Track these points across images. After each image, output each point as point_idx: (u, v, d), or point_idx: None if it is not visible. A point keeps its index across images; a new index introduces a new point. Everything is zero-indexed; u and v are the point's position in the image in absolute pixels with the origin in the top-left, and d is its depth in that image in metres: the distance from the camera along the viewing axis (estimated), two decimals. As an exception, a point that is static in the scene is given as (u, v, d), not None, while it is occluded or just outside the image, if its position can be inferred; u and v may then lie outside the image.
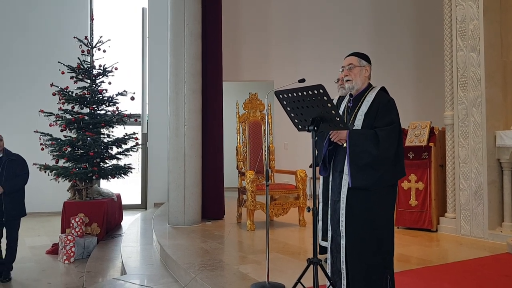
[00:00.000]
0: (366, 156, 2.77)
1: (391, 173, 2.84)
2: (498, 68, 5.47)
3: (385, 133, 2.79)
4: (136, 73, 10.14)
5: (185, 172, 6.32)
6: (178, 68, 6.42)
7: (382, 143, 2.76)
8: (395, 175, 2.89)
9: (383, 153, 2.77)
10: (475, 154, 5.38)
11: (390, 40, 9.84)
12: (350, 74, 3.00)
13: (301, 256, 4.46)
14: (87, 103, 7.53)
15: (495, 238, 5.13)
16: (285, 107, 2.92)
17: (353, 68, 3.00)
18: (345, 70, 3.02)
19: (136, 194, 10.85)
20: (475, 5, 5.38)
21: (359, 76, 3.00)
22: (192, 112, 6.44)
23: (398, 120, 2.88)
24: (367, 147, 2.77)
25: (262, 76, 10.01)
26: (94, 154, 7.14)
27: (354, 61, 3.02)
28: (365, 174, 2.78)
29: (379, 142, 2.76)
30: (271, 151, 6.83)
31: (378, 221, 2.84)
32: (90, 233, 6.78)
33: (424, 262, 4.24)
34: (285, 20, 10.02)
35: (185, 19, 6.41)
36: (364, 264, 2.81)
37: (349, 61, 3.04)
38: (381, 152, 2.76)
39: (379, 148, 2.75)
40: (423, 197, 5.79)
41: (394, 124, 2.84)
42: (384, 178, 2.81)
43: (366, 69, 3.02)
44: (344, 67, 3.03)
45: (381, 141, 2.76)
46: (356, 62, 3.01)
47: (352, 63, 3.01)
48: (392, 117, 2.85)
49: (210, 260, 4.33)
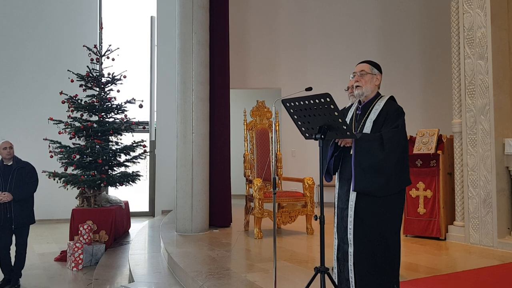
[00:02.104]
0: (371, 157, 2.77)
1: (396, 180, 2.84)
2: (506, 75, 5.45)
3: (390, 135, 2.81)
4: (144, 81, 10.22)
5: (192, 180, 6.34)
6: (186, 76, 6.46)
7: (387, 145, 2.77)
8: (401, 183, 2.89)
9: (388, 155, 2.77)
10: (484, 162, 5.35)
11: (399, 47, 9.83)
12: (361, 80, 3.03)
13: (309, 264, 4.45)
14: (96, 111, 7.59)
15: (504, 246, 5.08)
16: (292, 115, 2.93)
17: (365, 75, 3.03)
18: (356, 76, 3.05)
19: (144, 201, 10.88)
20: (483, 12, 5.37)
21: (369, 83, 3.02)
22: (199, 119, 6.47)
23: (403, 127, 2.89)
24: (373, 148, 2.78)
25: (270, 83, 10.04)
26: (102, 162, 7.18)
27: (367, 68, 3.05)
28: (369, 177, 2.78)
29: (383, 143, 2.77)
30: (278, 159, 6.83)
31: (386, 228, 2.84)
32: (98, 241, 6.80)
33: (432, 271, 4.21)
34: (293, 28, 10.06)
35: (193, 28, 6.46)
36: (371, 272, 2.81)
37: (361, 67, 3.07)
38: (386, 154, 2.76)
39: (384, 149, 2.77)
40: (431, 205, 5.75)
41: (400, 127, 2.85)
42: (388, 184, 2.80)
43: (377, 78, 3.05)
44: (355, 73, 3.06)
45: (386, 143, 2.78)
46: (368, 70, 3.04)
47: (364, 70, 3.04)
48: (398, 122, 2.87)
49: (218, 268, 4.33)
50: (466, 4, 5.56)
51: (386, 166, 2.78)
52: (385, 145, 2.77)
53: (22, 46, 10.21)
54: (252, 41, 10.00)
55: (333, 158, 3.02)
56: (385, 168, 2.78)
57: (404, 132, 2.89)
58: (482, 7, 5.38)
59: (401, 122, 2.89)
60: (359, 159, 2.79)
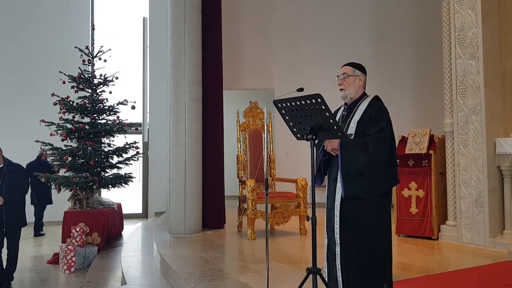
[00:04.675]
0: (356, 165, 2.82)
1: (383, 181, 2.88)
2: (497, 75, 5.48)
3: (374, 140, 2.85)
4: (137, 82, 10.18)
5: (185, 181, 6.32)
6: (179, 77, 6.44)
7: (372, 150, 2.81)
8: (388, 183, 2.93)
9: (373, 161, 2.81)
10: (475, 161, 5.37)
11: (391, 48, 9.88)
12: (344, 83, 3.08)
13: (302, 265, 4.44)
14: (88, 112, 7.57)
15: (496, 246, 5.11)
16: (283, 116, 2.94)
17: (347, 77, 3.07)
18: (339, 79, 3.08)
19: (137, 203, 10.85)
20: (474, 13, 5.40)
21: (352, 85, 3.07)
22: (192, 121, 6.45)
23: (388, 127, 2.92)
24: (357, 156, 2.83)
25: (263, 84, 10.04)
26: (94, 164, 7.15)
27: (348, 70, 3.09)
28: (357, 182, 2.83)
29: (368, 150, 2.81)
30: (271, 160, 6.83)
31: (372, 228, 2.88)
32: (91, 243, 6.76)
33: (425, 270, 4.22)
34: (286, 29, 10.07)
35: (185, 29, 6.45)
36: (358, 271, 2.84)
37: (343, 70, 3.11)
38: (370, 160, 2.81)
39: (368, 155, 2.80)
40: (423, 205, 5.77)
41: (384, 130, 2.87)
42: (376, 186, 2.85)
43: (360, 79, 3.08)
44: (338, 76, 3.09)
45: (370, 149, 2.82)
46: (350, 72, 3.08)
47: (346, 73, 3.08)
48: (381, 124, 2.90)
49: (210, 269, 4.31)
50: (457, 4, 5.59)
51: (372, 171, 2.83)
52: (369, 151, 2.81)
53: (13, 47, 10.15)
54: (245, 42, 9.99)
55: (323, 161, 3.08)
56: (371, 172, 2.83)
57: (389, 133, 2.91)
58: (473, 8, 5.41)
59: (385, 123, 2.92)
60: (346, 167, 2.84)
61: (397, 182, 3.01)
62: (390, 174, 2.90)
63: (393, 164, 2.92)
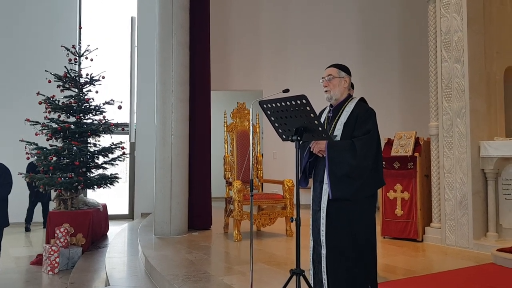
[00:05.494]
0: (344, 166, 2.82)
1: (370, 183, 2.89)
2: (482, 79, 5.54)
3: (362, 142, 2.84)
4: (124, 82, 10.09)
5: (171, 182, 6.28)
6: (166, 77, 6.41)
7: (359, 152, 2.81)
8: (374, 185, 2.94)
9: (360, 163, 2.81)
10: (460, 164, 5.42)
11: (378, 50, 9.93)
12: (329, 85, 3.08)
13: (288, 266, 4.43)
14: (74, 112, 7.47)
15: (479, 248, 5.15)
16: (269, 117, 2.93)
17: (332, 79, 3.07)
18: (324, 81, 3.08)
19: (124, 204, 10.75)
20: (459, 17, 5.46)
21: (337, 87, 3.06)
22: (179, 121, 6.42)
23: (375, 129, 2.92)
24: (345, 158, 2.82)
25: (251, 85, 10.03)
26: (79, 164, 7.07)
27: (333, 72, 3.09)
28: (344, 184, 2.82)
29: (356, 152, 2.81)
30: (258, 161, 6.82)
31: (358, 231, 2.88)
32: (75, 244, 6.67)
33: (409, 272, 4.24)
34: (275, 30, 10.08)
35: (172, 28, 6.42)
36: (344, 274, 2.83)
37: (328, 72, 3.11)
38: (358, 162, 2.80)
39: (356, 157, 2.80)
40: (408, 207, 5.80)
41: (371, 133, 2.87)
42: (363, 188, 2.85)
43: (345, 80, 3.08)
44: (323, 78, 3.09)
45: (358, 151, 2.81)
46: (335, 73, 3.08)
47: (331, 74, 3.08)
48: (369, 126, 2.90)
49: (195, 271, 4.28)
50: (443, 8, 5.64)
51: (360, 173, 2.83)
52: (357, 153, 2.81)
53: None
54: (233, 43, 9.98)
55: (308, 163, 3.08)
56: (359, 174, 2.83)
57: (376, 135, 2.92)
58: (458, 12, 5.46)
59: (372, 125, 2.92)
60: (333, 169, 2.84)
61: (383, 184, 3.02)
62: (377, 176, 2.91)
63: (379, 166, 2.93)
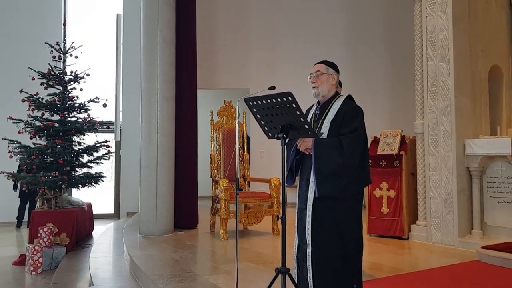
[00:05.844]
0: (331, 164, 2.78)
1: (356, 181, 2.86)
2: (467, 77, 5.58)
3: (348, 140, 2.81)
4: (110, 80, 9.98)
5: (157, 181, 6.21)
6: (151, 75, 6.33)
7: (346, 150, 2.78)
8: (361, 183, 2.91)
9: (347, 161, 2.78)
10: (445, 162, 5.45)
11: (365, 49, 9.97)
12: (317, 81, 3.04)
13: (274, 265, 4.36)
14: (58, 110, 7.36)
15: (465, 246, 5.19)
16: (255, 114, 2.90)
17: (321, 75, 3.04)
18: (312, 77, 3.05)
19: (110, 203, 10.64)
20: (445, 15, 5.48)
21: (325, 83, 3.03)
22: (165, 119, 6.35)
23: (362, 127, 2.90)
24: (332, 155, 2.79)
25: (238, 84, 9.98)
26: (63, 162, 6.96)
27: (322, 68, 3.06)
28: (331, 182, 2.79)
29: (343, 150, 2.78)
30: (245, 159, 6.78)
31: (344, 229, 2.85)
32: (59, 243, 6.58)
33: (395, 270, 4.25)
34: (262, 28, 10.05)
35: (158, 25, 6.35)
36: (330, 272, 2.81)
37: (317, 68, 3.08)
38: (345, 160, 2.77)
39: (343, 155, 2.77)
40: (394, 205, 5.83)
41: (358, 130, 2.85)
42: (349, 186, 2.83)
43: (333, 77, 3.05)
44: (312, 74, 3.06)
45: (345, 149, 2.78)
46: (324, 70, 3.05)
47: (320, 70, 3.05)
48: (356, 124, 2.88)
49: (180, 270, 4.24)
50: (429, 7, 5.66)
51: (347, 171, 2.80)
52: (344, 151, 2.78)
53: (-19, 42, 9.82)
54: (221, 41, 9.92)
55: (295, 161, 3.04)
56: (346, 172, 2.80)
57: (363, 133, 2.90)
58: (444, 10, 5.48)
59: (359, 123, 2.90)
60: (320, 167, 2.81)
61: (369, 182, 3.00)
62: (363, 174, 2.89)
63: (366, 164, 2.91)
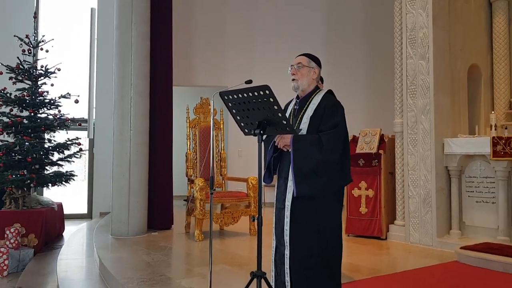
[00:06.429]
0: (310, 162, 2.65)
1: (336, 179, 2.74)
2: (446, 76, 5.54)
3: (329, 137, 2.68)
4: (83, 75, 9.67)
5: (129, 180, 5.99)
6: (124, 70, 6.11)
7: (326, 147, 2.65)
8: (341, 181, 2.79)
9: (327, 158, 2.65)
10: (424, 161, 5.40)
11: (343, 47, 9.92)
12: (297, 73, 2.91)
13: (250, 267, 4.22)
14: (27, 105, 7.06)
15: (443, 246, 5.14)
16: (230, 109, 2.75)
17: (301, 68, 2.91)
18: (293, 68, 2.91)
19: (83, 202, 10.31)
20: (425, 13, 5.42)
21: (306, 76, 2.90)
22: (138, 116, 6.14)
23: (343, 123, 2.77)
24: (311, 152, 2.66)
25: (216, 81, 9.80)
26: (32, 160, 6.67)
27: (304, 61, 2.93)
28: (310, 181, 2.66)
29: (323, 146, 2.65)
30: (222, 158, 6.62)
31: (324, 230, 2.72)
32: (27, 245, 6.30)
33: (373, 271, 4.16)
34: (240, 24, 9.89)
35: (132, 18, 6.13)
36: (308, 275, 2.67)
37: (298, 60, 2.95)
38: (324, 157, 2.64)
39: (322, 152, 2.64)
40: (373, 204, 5.75)
41: (338, 126, 2.73)
42: (329, 184, 2.70)
43: (314, 71, 2.93)
44: (292, 66, 2.93)
45: (325, 145, 2.65)
46: (305, 63, 2.92)
47: (301, 63, 2.92)
48: (336, 120, 2.75)
49: (151, 273, 4.05)
50: (409, 4, 5.60)
51: (326, 168, 2.68)
52: (324, 148, 2.65)
53: None
54: (198, 37, 9.73)
55: (273, 158, 2.90)
56: (325, 170, 2.68)
57: (343, 129, 2.77)
58: (424, 8, 5.43)
59: (340, 119, 2.77)
60: (299, 164, 2.68)
61: (350, 181, 2.88)
62: (344, 172, 2.76)
63: (347, 162, 2.78)
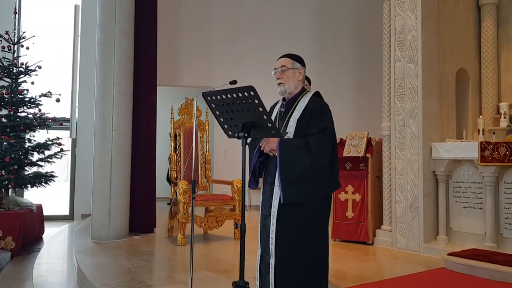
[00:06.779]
0: (297, 167, 2.53)
1: (324, 185, 2.62)
2: (435, 79, 5.48)
3: (317, 141, 2.57)
4: (66, 74, 9.45)
5: (111, 182, 5.82)
6: (107, 69, 5.94)
7: (314, 151, 2.54)
8: (329, 187, 2.68)
9: (315, 163, 2.54)
10: (411, 165, 5.33)
11: (331, 49, 9.84)
12: (283, 77, 2.78)
13: (234, 274, 4.13)
14: (6, 104, 6.84)
15: (430, 252, 5.06)
16: (213, 110, 2.62)
17: (286, 70, 2.78)
18: (277, 72, 2.79)
19: (65, 204, 10.07)
20: (414, 15, 5.36)
21: (292, 79, 2.78)
22: (121, 116, 5.97)
23: (331, 127, 2.66)
24: (298, 157, 2.54)
25: (202, 81, 9.64)
26: (10, 160, 6.45)
27: (287, 63, 2.80)
28: (297, 187, 2.53)
29: (311, 150, 2.53)
30: (207, 160, 6.48)
31: (311, 238, 2.60)
32: (4, 248, 6.08)
33: (360, 278, 4.06)
34: (226, 24, 9.76)
35: (115, 16, 5.96)
36: (299, 278, 2.55)
37: (281, 62, 2.81)
38: (313, 162, 2.53)
39: (310, 157, 2.52)
40: (359, 209, 5.66)
41: (327, 130, 2.62)
42: (317, 190, 2.58)
43: (299, 72, 2.81)
44: (276, 69, 2.80)
45: (313, 150, 2.54)
46: (290, 64, 2.79)
47: (285, 65, 2.79)
48: (325, 123, 2.64)
49: (131, 280, 3.90)
50: (398, 7, 5.53)
51: (314, 174, 2.57)
52: (313, 152, 2.54)
53: None
54: (183, 37, 9.57)
55: (258, 163, 2.78)
56: (314, 175, 2.57)
57: (332, 133, 2.66)
58: (413, 10, 5.36)
59: (328, 122, 2.67)
60: (286, 170, 2.56)
61: (338, 186, 2.76)
62: (332, 177, 2.66)
63: (335, 166, 2.68)
